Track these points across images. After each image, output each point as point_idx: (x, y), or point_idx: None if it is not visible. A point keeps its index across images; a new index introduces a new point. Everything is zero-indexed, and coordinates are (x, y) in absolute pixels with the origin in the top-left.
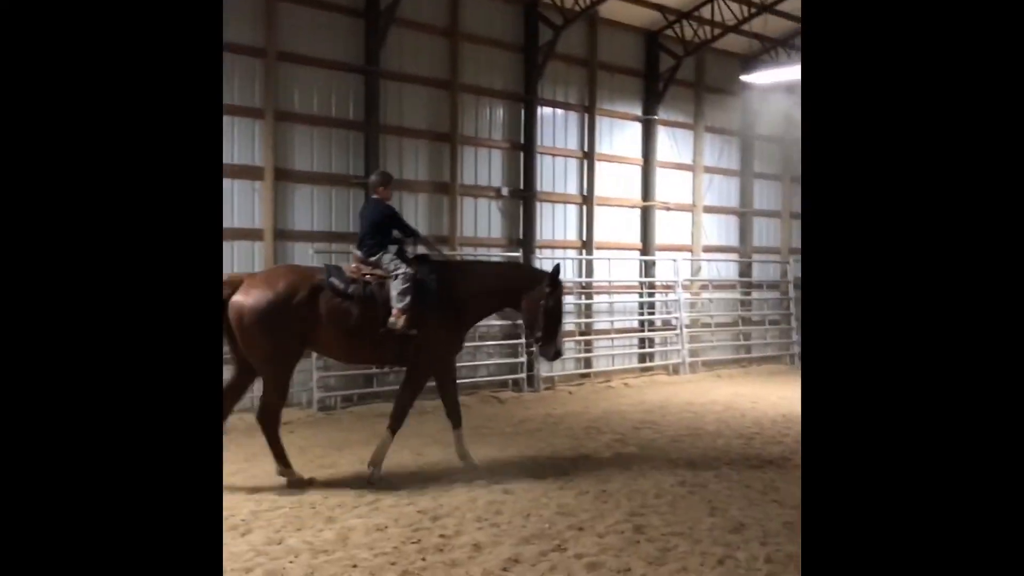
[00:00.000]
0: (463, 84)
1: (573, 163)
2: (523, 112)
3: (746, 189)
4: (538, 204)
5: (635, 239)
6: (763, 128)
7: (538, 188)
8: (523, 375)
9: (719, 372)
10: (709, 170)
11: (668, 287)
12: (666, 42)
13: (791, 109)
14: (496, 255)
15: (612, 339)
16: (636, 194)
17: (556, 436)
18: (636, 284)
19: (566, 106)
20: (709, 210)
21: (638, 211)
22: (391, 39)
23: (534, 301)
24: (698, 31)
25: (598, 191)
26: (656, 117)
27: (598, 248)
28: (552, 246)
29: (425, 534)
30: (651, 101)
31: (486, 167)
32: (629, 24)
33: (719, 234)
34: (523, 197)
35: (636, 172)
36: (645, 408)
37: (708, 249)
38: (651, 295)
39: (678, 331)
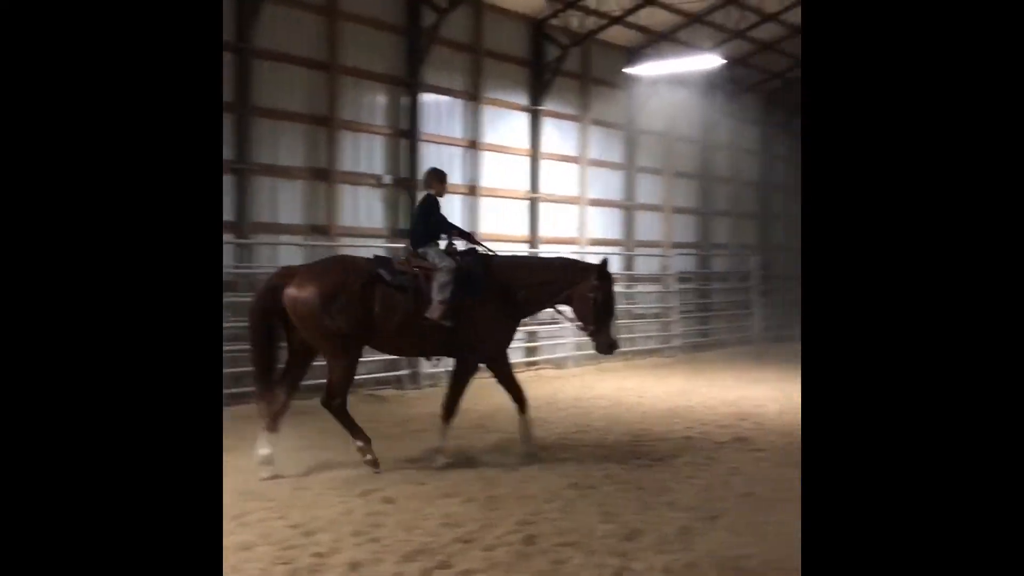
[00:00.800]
0: (342, 66)
1: (458, 152)
2: (406, 98)
3: (630, 183)
4: (421, 194)
5: (522, 231)
6: (647, 122)
7: (421, 177)
8: (406, 371)
9: (603, 366)
10: (594, 163)
11: None
12: (552, 31)
13: (674, 103)
14: (378, 246)
15: None
16: (522, 186)
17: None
18: None
19: (451, 93)
20: (594, 203)
21: (525, 203)
22: (264, 16)
23: (583, 294)
24: (584, 21)
25: (484, 182)
26: (542, 108)
27: (483, 240)
28: None
29: (297, 553)
30: (537, 91)
31: (366, 154)
32: (514, 11)
33: (604, 227)
34: (406, 186)
35: (523, 163)
36: (532, 404)
37: (593, 242)
38: None
39: (564, 324)
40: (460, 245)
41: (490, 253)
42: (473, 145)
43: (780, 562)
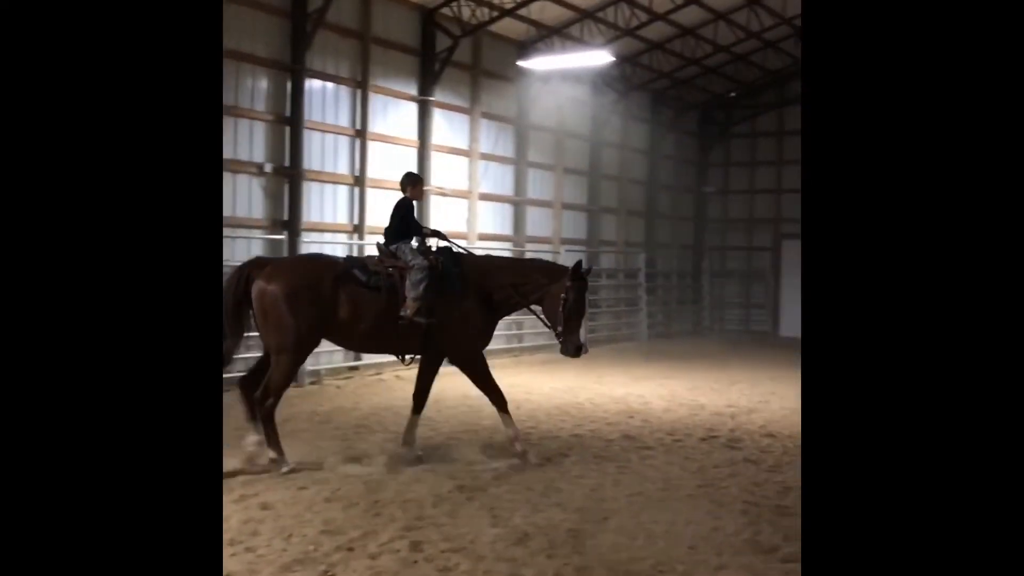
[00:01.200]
0: (223, 48)
1: (344, 141)
2: (289, 83)
3: (520, 178)
4: (305, 183)
5: None
6: (538, 117)
7: (305, 166)
8: None
9: (492, 362)
10: (485, 157)
11: None
12: (443, 21)
13: (565, 98)
14: (257, 237)
15: None
16: None
17: (323, 437)
18: None
19: (337, 79)
20: (484, 197)
21: None
22: None
23: (555, 296)
24: (476, 12)
25: (371, 172)
26: (432, 98)
27: (370, 233)
28: (320, 229)
29: None
30: (427, 81)
31: (247, 140)
32: None
33: (494, 222)
34: (288, 175)
35: (411, 154)
36: None
37: (483, 237)
38: None
39: None
40: (434, 244)
41: (464, 252)
42: (359, 134)
43: (671, 564)
